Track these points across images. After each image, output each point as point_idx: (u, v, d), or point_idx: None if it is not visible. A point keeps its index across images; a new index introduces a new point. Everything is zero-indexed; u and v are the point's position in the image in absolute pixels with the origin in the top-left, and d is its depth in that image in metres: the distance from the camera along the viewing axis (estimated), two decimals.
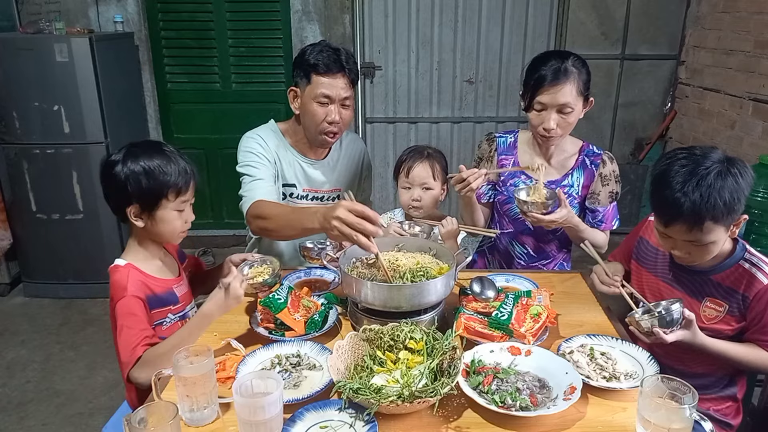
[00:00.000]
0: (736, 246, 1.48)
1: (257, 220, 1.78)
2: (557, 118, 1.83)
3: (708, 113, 3.86)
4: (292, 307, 1.53)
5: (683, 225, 1.34)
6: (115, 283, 1.49)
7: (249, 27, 4.13)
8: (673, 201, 1.33)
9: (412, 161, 1.96)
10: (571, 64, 1.81)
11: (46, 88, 3.32)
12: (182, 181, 1.52)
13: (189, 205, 1.58)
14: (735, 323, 1.47)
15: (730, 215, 1.33)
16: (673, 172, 1.35)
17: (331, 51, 1.86)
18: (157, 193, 1.49)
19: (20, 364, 3.01)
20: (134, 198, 1.49)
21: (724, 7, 3.69)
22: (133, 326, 1.43)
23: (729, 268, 1.47)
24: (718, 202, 1.29)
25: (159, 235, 1.57)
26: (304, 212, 1.61)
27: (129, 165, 1.48)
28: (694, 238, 1.36)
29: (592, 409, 1.24)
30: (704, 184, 1.30)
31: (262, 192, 1.84)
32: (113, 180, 1.49)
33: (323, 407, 1.21)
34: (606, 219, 1.98)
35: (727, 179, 1.31)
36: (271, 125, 2.03)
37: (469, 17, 4.17)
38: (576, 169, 1.99)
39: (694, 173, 1.32)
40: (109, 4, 4.03)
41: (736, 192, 1.31)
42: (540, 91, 1.82)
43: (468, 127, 4.45)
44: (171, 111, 4.36)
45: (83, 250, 3.61)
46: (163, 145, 1.56)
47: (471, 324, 1.48)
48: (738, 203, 1.32)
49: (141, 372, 1.40)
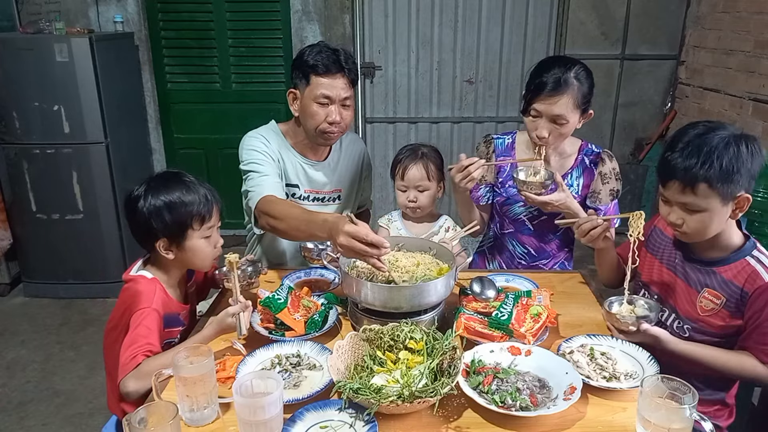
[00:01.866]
0: (746, 242, 1.47)
1: (267, 218, 1.77)
2: (550, 127, 1.82)
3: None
4: (292, 307, 1.54)
5: (677, 183, 1.35)
6: (140, 293, 1.48)
7: (249, 27, 4.13)
8: (672, 158, 1.34)
9: (407, 162, 1.96)
10: (573, 76, 1.78)
11: (46, 88, 3.32)
12: (205, 209, 1.53)
13: (216, 229, 1.58)
14: (729, 319, 1.45)
15: (726, 183, 1.31)
16: (683, 135, 1.37)
17: (329, 51, 1.86)
18: (181, 224, 1.50)
19: (20, 364, 3.01)
20: (160, 233, 1.50)
21: (724, 7, 3.69)
22: (144, 336, 1.41)
23: (735, 262, 1.45)
24: (714, 164, 1.29)
25: (191, 264, 1.59)
26: (314, 222, 1.59)
27: (150, 200, 1.49)
28: (688, 200, 1.35)
29: (592, 409, 1.24)
30: (705, 146, 1.31)
31: (269, 187, 1.83)
32: (137, 217, 1.50)
33: (323, 407, 1.21)
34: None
35: (729, 147, 1.30)
36: (272, 126, 2.03)
37: (469, 17, 4.17)
38: (575, 168, 1.99)
39: (702, 136, 1.33)
40: (109, 4, 4.03)
41: (736, 160, 1.30)
42: (536, 99, 1.81)
43: (468, 127, 4.45)
44: (171, 111, 4.36)
45: (83, 250, 3.61)
46: (182, 174, 1.57)
47: (471, 324, 1.48)
48: (737, 173, 1.30)
49: (132, 381, 1.35)
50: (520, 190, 1.83)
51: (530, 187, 1.79)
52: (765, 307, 1.39)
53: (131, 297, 1.49)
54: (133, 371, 1.35)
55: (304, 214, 1.67)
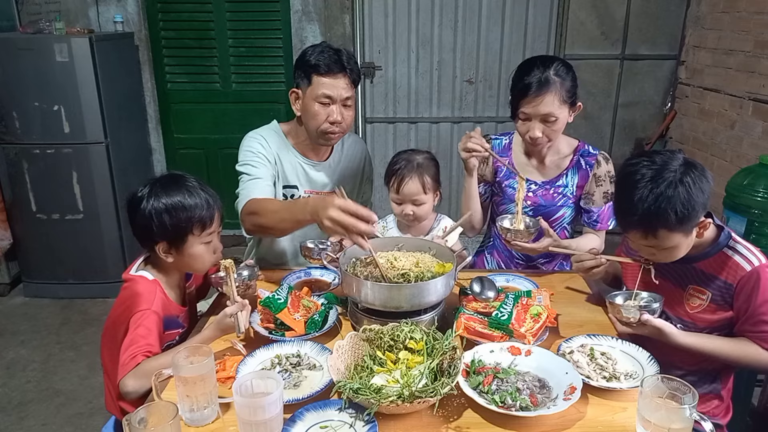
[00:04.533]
0: (720, 233, 1.48)
1: (251, 217, 1.77)
2: (542, 127, 1.84)
3: (708, 113, 3.86)
4: (292, 307, 1.54)
5: (638, 232, 1.37)
6: (140, 295, 1.48)
7: (249, 27, 4.13)
8: (627, 209, 1.36)
9: (402, 175, 1.89)
10: (553, 73, 1.80)
11: (46, 88, 3.32)
12: (207, 215, 1.52)
13: (216, 235, 1.58)
14: (720, 312, 1.46)
15: (684, 223, 1.33)
16: (630, 180, 1.36)
17: (332, 52, 1.87)
18: (182, 229, 1.50)
19: (20, 364, 3.01)
20: (160, 236, 1.50)
21: (724, 7, 3.69)
22: (143, 336, 1.41)
23: (712, 256, 1.47)
24: (668, 212, 1.30)
25: (190, 268, 1.59)
26: (296, 204, 1.61)
27: (153, 203, 1.48)
28: (652, 243, 1.38)
29: (592, 409, 1.24)
30: (656, 193, 1.31)
31: (258, 191, 1.83)
32: (139, 218, 1.50)
33: (323, 407, 1.21)
34: (601, 219, 1.98)
35: (678, 188, 1.31)
36: (273, 126, 2.03)
37: (469, 17, 4.17)
38: (570, 169, 1.99)
39: (650, 182, 1.33)
40: (109, 4, 4.03)
41: (689, 201, 1.30)
42: (522, 103, 1.83)
43: (468, 127, 4.37)
44: (171, 111, 4.36)
45: (83, 250, 3.61)
46: (185, 178, 1.57)
47: (471, 324, 1.48)
48: (692, 211, 1.32)
49: (131, 380, 1.35)
50: (506, 239, 1.85)
51: (515, 235, 1.82)
52: (752, 296, 1.40)
53: (131, 297, 1.49)
54: (133, 371, 1.35)
55: (285, 204, 1.69)
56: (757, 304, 1.40)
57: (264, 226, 1.75)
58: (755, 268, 1.40)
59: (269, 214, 1.71)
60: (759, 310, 1.40)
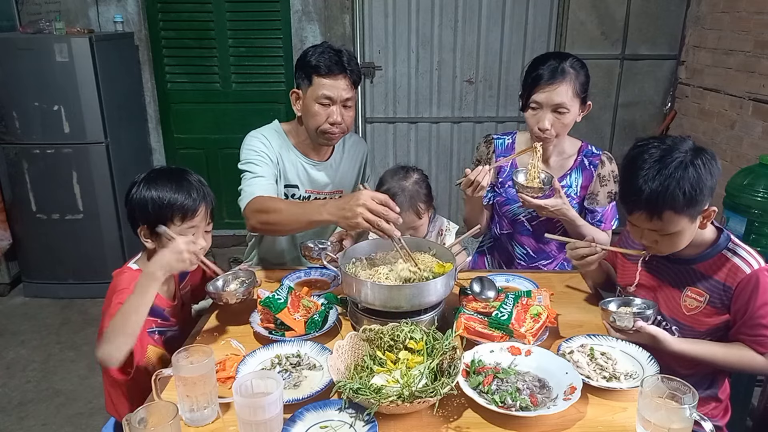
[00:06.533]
0: (720, 236, 1.47)
1: (258, 215, 1.77)
2: (552, 118, 1.83)
3: (708, 113, 3.86)
4: (292, 307, 1.54)
5: (643, 213, 1.35)
6: (121, 280, 1.48)
7: (249, 27, 4.13)
8: (634, 190, 1.34)
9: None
10: (569, 65, 1.81)
11: (46, 88, 3.32)
12: (189, 205, 1.50)
13: (200, 231, 1.55)
14: (717, 315, 1.45)
15: (692, 206, 1.32)
16: (639, 161, 1.35)
17: (332, 52, 1.87)
18: (161, 215, 1.49)
19: (20, 364, 3.01)
20: (142, 219, 1.50)
21: (724, 7, 3.69)
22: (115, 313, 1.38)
23: (711, 258, 1.45)
24: (677, 192, 1.29)
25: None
26: (310, 205, 1.64)
27: (141, 187, 1.50)
28: (656, 227, 1.36)
29: (592, 409, 1.24)
30: (664, 173, 1.30)
31: (262, 188, 1.84)
32: (128, 200, 1.52)
33: (323, 407, 1.21)
34: (605, 219, 1.98)
35: (688, 170, 1.30)
36: (274, 125, 2.04)
37: (469, 17, 4.17)
38: (574, 169, 1.99)
39: (658, 162, 1.32)
40: (109, 4, 4.03)
41: (698, 183, 1.29)
42: (536, 90, 1.83)
43: (468, 127, 4.45)
44: (171, 111, 4.36)
45: (83, 250, 3.61)
46: (184, 172, 1.57)
47: (471, 324, 1.48)
48: (700, 194, 1.30)
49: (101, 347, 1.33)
50: (518, 191, 1.85)
51: (528, 190, 1.80)
52: (750, 299, 1.39)
53: (112, 288, 1.50)
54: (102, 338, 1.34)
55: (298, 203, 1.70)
56: (755, 307, 1.39)
57: (272, 223, 1.75)
58: (755, 272, 1.40)
59: (279, 212, 1.72)
60: (757, 313, 1.39)
